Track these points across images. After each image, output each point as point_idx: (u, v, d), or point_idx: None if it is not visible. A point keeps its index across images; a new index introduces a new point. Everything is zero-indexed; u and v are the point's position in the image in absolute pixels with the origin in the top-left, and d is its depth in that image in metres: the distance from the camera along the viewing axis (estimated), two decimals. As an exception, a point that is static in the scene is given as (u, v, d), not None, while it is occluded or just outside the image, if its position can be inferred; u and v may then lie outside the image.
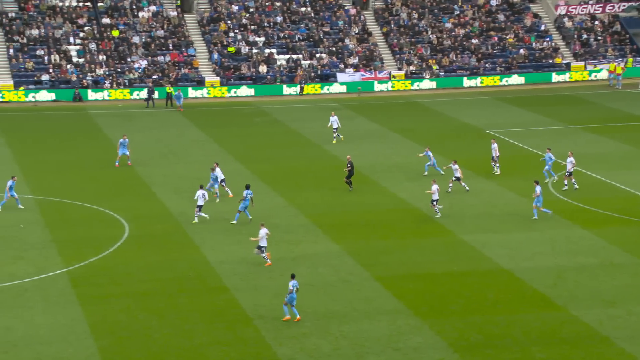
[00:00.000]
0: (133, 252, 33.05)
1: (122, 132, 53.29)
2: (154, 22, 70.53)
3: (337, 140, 50.82)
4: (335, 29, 73.90)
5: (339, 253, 33.40)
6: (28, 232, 34.74)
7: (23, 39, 66.16)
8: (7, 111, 59.14)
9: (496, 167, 43.93)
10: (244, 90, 66.32)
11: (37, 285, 29.48)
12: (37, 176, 42.86)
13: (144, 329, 26.48)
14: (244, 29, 71.75)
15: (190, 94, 65.27)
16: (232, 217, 37.05)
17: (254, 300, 28.63)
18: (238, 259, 32.54)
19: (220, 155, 48.37)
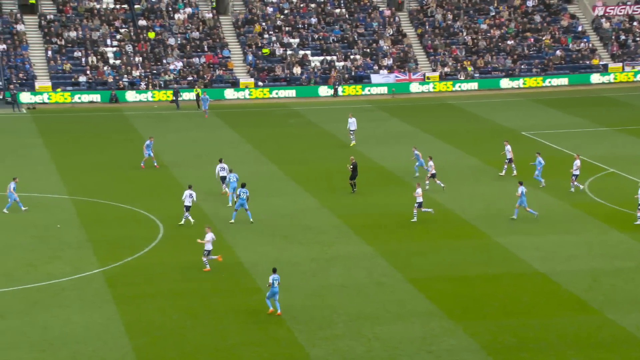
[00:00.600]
0: (167, 252, 33.31)
1: (158, 133, 53.76)
2: (190, 23, 71.05)
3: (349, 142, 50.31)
4: (370, 30, 73.82)
5: (372, 255, 33.35)
6: (65, 232, 35.17)
7: (61, 41, 67.01)
8: (46, 112, 59.94)
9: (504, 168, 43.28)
10: (285, 91, 66.49)
11: (74, 284, 29.83)
12: (73, 177, 43.38)
13: (178, 328, 26.67)
14: (279, 31, 71.98)
15: (232, 95, 65.56)
16: (263, 218, 37.21)
17: (287, 301, 28.69)
18: (271, 259, 32.63)
19: (254, 156, 48.58)
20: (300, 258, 32.85)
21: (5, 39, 66.27)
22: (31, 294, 28.89)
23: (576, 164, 40.89)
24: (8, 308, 27.68)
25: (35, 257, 32.24)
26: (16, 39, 66.48)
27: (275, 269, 27.84)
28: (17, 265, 31.36)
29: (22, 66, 64.48)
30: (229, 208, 38.49)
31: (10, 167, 45.12)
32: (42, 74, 65.06)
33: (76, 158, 47.60)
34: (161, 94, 64.34)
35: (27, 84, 63.17)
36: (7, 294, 28.86)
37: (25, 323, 26.63)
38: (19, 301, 28.24)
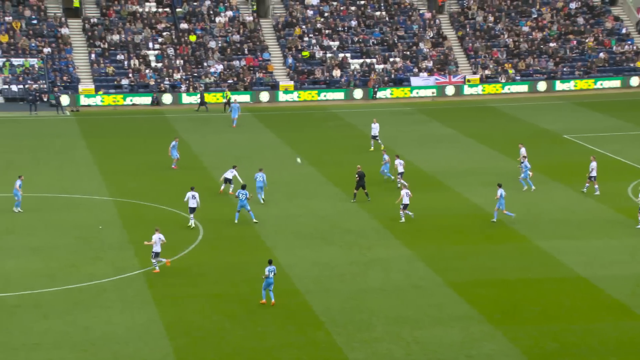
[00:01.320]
0: (207, 254, 33.51)
1: (199, 135, 54.15)
2: (230, 27, 71.47)
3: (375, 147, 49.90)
4: (410, 33, 73.56)
5: (411, 258, 33.21)
6: (107, 233, 35.56)
7: (104, 44, 67.83)
8: (89, 114, 60.70)
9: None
10: (324, 94, 66.57)
11: (115, 285, 30.14)
12: (115, 178, 43.84)
13: (218, 330, 26.81)
14: (319, 34, 72.07)
15: (282, 97, 65.79)
16: (302, 221, 37.28)
17: (325, 304, 28.69)
18: (310, 262, 32.66)
19: (292, 159, 48.70)
20: (339, 261, 32.82)
21: (50, 42, 67.26)
22: (73, 294, 29.25)
23: (592, 165, 40.52)
24: (51, 308, 28.06)
25: (77, 258, 32.65)
26: (60, 42, 67.44)
27: (270, 261, 28.29)
28: (60, 266, 31.78)
29: (66, 69, 65.39)
30: (262, 207, 38.66)
31: (55, 169, 45.77)
32: (85, 77, 65.90)
33: (118, 160, 48.10)
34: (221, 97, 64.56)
35: (71, 87, 64.04)
36: (50, 294, 29.26)
37: (67, 323, 26.97)
38: (62, 301, 28.61)
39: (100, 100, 63.03)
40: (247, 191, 36.66)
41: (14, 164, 46.68)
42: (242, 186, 37.18)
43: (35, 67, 64.67)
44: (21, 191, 37.93)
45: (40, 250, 33.40)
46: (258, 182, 39.55)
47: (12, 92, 63.12)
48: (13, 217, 37.07)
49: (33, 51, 66.05)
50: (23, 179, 38.48)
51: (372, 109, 64.28)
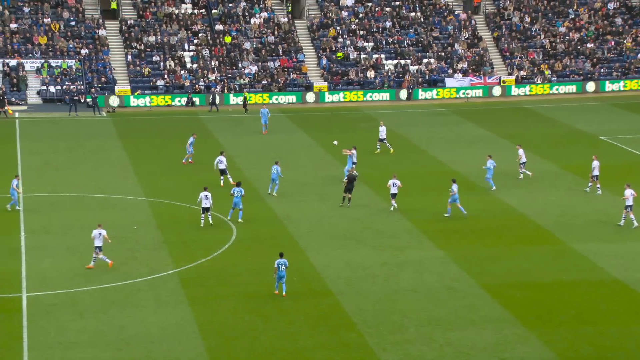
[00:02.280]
0: (240, 254, 33.65)
1: (232, 136, 54.41)
2: (265, 28, 71.73)
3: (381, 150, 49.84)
4: (445, 33, 73.23)
5: (444, 259, 33.05)
6: (141, 233, 35.87)
7: (141, 46, 68.44)
8: (125, 115, 61.31)
9: (521, 172, 42.90)
10: (358, 95, 66.56)
11: (149, 285, 30.39)
12: (150, 179, 44.19)
13: (250, 330, 26.91)
14: (353, 35, 72.04)
15: (305, 98, 65.93)
16: (335, 222, 37.29)
17: (358, 305, 28.66)
18: (342, 263, 32.65)
19: (326, 160, 48.72)
20: (371, 262, 32.78)
21: (88, 43, 68.03)
22: (108, 293, 29.55)
23: (594, 164, 40.68)
24: (87, 307, 28.37)
25: (112, 257, 32.96)
26: (98, 43, 68.19)
27: (281, 254, 28.88)
28: (96, 265, 32.11)
29: (103, 70, 66.09)
30: (295, 208, 38.74)
31: (91, 169, 46.28)
32: (122, 78, 66.55)
33: (153, 160, 48.48)
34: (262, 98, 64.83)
35: (108, 88, 64.71)
36: (86, 293, 29.59)
37: (102, 322, 27.26)
38: (97, 300, 28.92)
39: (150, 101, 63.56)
40: (242, 188, 36.93)
41: (51, 164, 47.30)
42: (237, 183, 37.56)
43: (72, 69, 65.44)
44: (19, 190, 38.34)
45: (76, 249, 33.79)
46: (273, 175, 40.04)
47: (50, 93, 63.96)
48: (50, 216, 37.57)
49: (71, 52, 66.86)
50: (20, 178, 38.95)
51: (405, 110, 64.08)
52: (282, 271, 28.90)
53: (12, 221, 36.88)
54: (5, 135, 54.06)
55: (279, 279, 29.01)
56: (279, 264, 28.98)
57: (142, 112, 62.79)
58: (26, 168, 46.02)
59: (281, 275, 28.91)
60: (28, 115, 60.37)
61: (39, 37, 67.26)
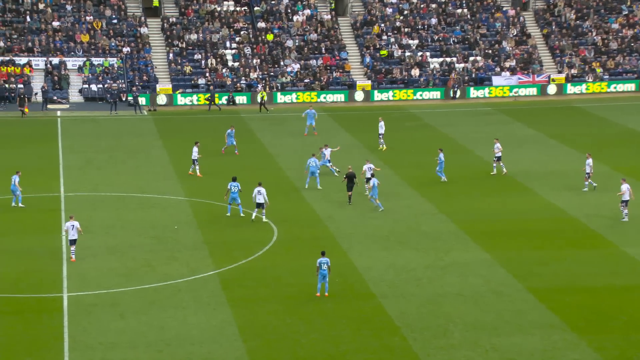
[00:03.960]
0: (281, 255, 33.74)
1: (274, 136, 54.56)
2: (308, 25, 71.81)
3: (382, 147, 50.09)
4: (492, 30, 72.62)
5: (490, 262, 32.76)
6: (182, 233, 36.16)
7: (182, 44, 69.01)
8: (166, 114, 61.86)
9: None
10: (402, 94, 66.33)
11: (190, 285, 30.62)
12: (190, 178, 44.52)
13: (291, 332, 26.96)
14: (398, 32, 71.79)
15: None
16: (378, 223, 37.22)
17: (401, 308, 28.55)
18: (385, 265, 32.56)
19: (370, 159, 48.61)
20: (415, 264, 32.63)
21: (129, 41, 68.78)
22: (149, 294, 29.84)
23: (588, 162, 40.82)
24: (127, 307, 28.68)
25: (153, 257, 33.30)
26: (139, 41, 68.91)
27: (323, 252, 29.06)
28: (136, 266, 32.46)
29: (144, 69, 66.77)
30: (338, 209, 38.71)
31: (132, 168, 46.79)
32: (163, 77, 67.15)
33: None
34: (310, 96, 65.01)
35: (149, 87, 65.36)
36: (127, 293, 29.92)
37: (143, 323, 27.53)
38: (138, 301, 29.22)
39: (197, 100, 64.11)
40: (238, 183, 37.23)
41: (92, 163, 47.91)
42: (233, 178, 37.71)
43: (114, 67, 66.24)
44: (20, 187, 38.81)
45: (117, 249, 34.19)
46: (312, 168, 40.44)
47: (92, 92, 64.80)
48: (91, 216, 38.05)
49: (113, 51, 67.67)
50: (20, 174, 39.42)
51: (451, 109, 63.68)
52: (324, 270, 29.04)
53: (53, 220, 37.45)
54: (47, 134, 54.92)
55: (322, 278, 29.08)
56: (320, 263, 29.12)
57: (183, 111, 63.29)
58: (67, 167, 46.69)
59: (324, 274, 29.03)
60: (70, 114, 61.26)
61: (81, 35, 68.19)
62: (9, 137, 54.13)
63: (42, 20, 68.63)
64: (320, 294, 29.26)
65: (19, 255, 33.23)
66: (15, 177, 38.82)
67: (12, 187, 38.60)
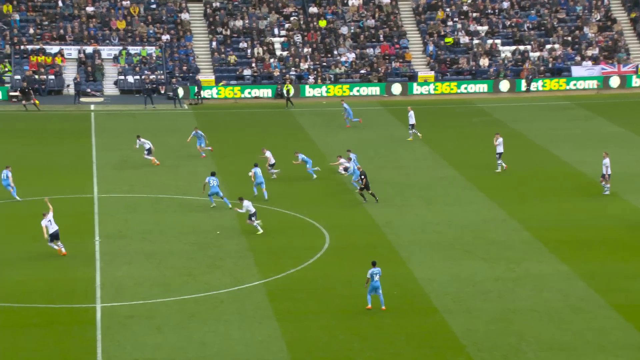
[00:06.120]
0: (333, 264, 33.76)
1: (325, 132, 54.66)
2: (365, 10, 71.83)
3: (415, 138, 50.94)
4: (572, 15, 71.79)
5: (568, 275, 32.38)
6: (225, 239, 36.42)
7: (227, 31, 69.52)
8: (207, 108, 62.39)
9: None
10: (469, 86, 66.04)
11: (233, 297, 30.81)
12: (234, 179, 44.80)
13: (345, 350, 26.97)
14: (465, 17, 71.38)
15: (408, 90, 65.80)
16: (440, 229, 37.06)
17: (467, 325, 28.37)
18: (449, 276, 32.39)
19: (431, 159, 48.45)
20: (483, 276, 32.41)
21: (169, 29, 69.51)
22: (189, 305, 30.11)
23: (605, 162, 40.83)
24: (165, 320, 28.96)
25: (193, 265, 33.60)
26: (180, 29, 69.60)
27: (374, 262, 29.04)
28: (175, 274, 32.79)
29: (185, 58, 67.42)
30: (396, 214, 38.63)
31: (171, 168, 47.28)
32: (205, 67, 67.72)
33: (237, 158, 49.14)
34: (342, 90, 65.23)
35: (190, 78, 65.98)
36: (165, 304, 30.22)
37: (182, 338, 27.78)
38: (177, 313, 29.49)
39: (216, 93, 64.66)
40: (217, 177, 39.09)
41: (128, 161, 48.55)
42: (212, 173, 39.37)
43: (152, 56, 66.97)
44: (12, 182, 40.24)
45: (154, 256, 34.58)
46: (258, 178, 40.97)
47: (128, 84, 65.63)
48: (126, 219, 38.55)
49: (151, 39, 68.46)
50: (10, 169, 40.73)
51: (524, 102, 63.08)
52: (377, 281, 29.05)
53: (86, 224, 38.04)
54: (80, 130, 55.83)
55: (373, 290, 29.17)
56: (372, 274, 29.14)
57: (227, 104, 63.79)
58: (101, 166, 47.40)
59: (376, 286, 29.07)
60: (104, 108, 62.18)
61: (117, 22, 69.16)
62: (38, 133, 55.16)
63: (75, 6, 69.76)
64: (371, 307, 29.19)
65: (49, 262, 33.83)
66: (7, 171, 40.21)
67: (5, 182, 40.05)
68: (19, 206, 40.17)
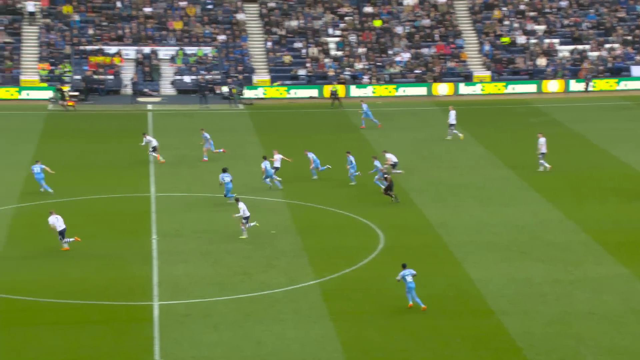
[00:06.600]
0: (388, 265, 33.66)
1: (380, 132, 54.50)
2: (420, 10, 71.50)
3: (454, 137, 50.80)
4: (633, 14, 70.65)
5: (628, 277, 31.89)
6: (280, 239, 36.56)
7: (282, 31, 69.74)
8: (263, 108, 62.66)
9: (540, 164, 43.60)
10: (526, 86, 65.43)
11: (288, 296, 30.92)
12: (289, 178, 44.88)
13: (399, 351, 26.90)
14: (522, 16, 70.68)
15: (461, 90, 65.44)
16: (496, 231, 36.73)
17: (524, 327, 28.11)
18: (505, 278, 32.12)
19: (487, 160, 48.12)
20: (540, 278, 32.07)
21: (225, 29, 69.96)
22: (245, 304, 30.28)
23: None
24: (221, 319, 29.17)
25: (249, 264, 33.78)
26: (235, 29, 70.01)
27: (405, 265, 29.15)
28: (231, 273, 33.01)
29: (240, 58, 67.80)
30: (451, 215, 38.40)
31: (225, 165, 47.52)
32: (260, 67, 68.02)
33: (293, 156, 49.23)
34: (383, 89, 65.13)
35: (245, 78, 66.29)
36: (220, 303, 30.44)
37: (238, 336, 27.95)
38: (232, 312, 29.69)
39: (263, 93, 64.85)
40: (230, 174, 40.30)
41: (185, 161, 48.96)
42: (223, 169, 40.45)
43: (208, 57, 67.48)
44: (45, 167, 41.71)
45: (210, 255, 34.85)
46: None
47: (185, 84, 66.21)
48: (183, 218, 38.90)
49: (207, 39, 68.98)
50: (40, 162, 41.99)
51: (583, 103, 62.27)
52: (411, 282, 29.12)
53: (143, 223, 38.47)
54: (137, 129, 56.42)
55: (409, 291, 29.27)
56: (404, 276, 29.25)
57: (282, 104, 63.95)
58: (159, 165, 47.86)
59: (411, 287, 29.17)
60: (161, 108, 62.80)
61: (174, 23, 69.80)
62: (96, 132, 55.89)
63: (134, 6, 70.56)
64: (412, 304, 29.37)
65: (107, 260, 34.30)
66: (37, 166, 41.38)
67: (38, 175, 41.30)
68: (77, 205, 40.77)
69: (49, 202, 40.27)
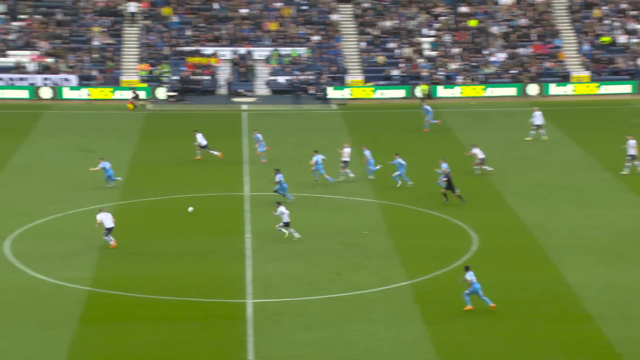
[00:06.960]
0: (481, 267, 33.15)
1: (474, 133, 53.86)
2: (517, 9, 70.43)
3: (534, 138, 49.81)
4: None
5: None
6: (371, 239, 36.48)
7: (375, 31, 69.61)
8: (356, 108, 62.62)
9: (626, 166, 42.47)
10: (626, 87, 63.87)
11: (380, 296, 30.82)
12: (381, 178, 44.71)
13: (494, 355, 26.53)
14: (623, 15, 68.92)
15: (552, 90, 64.24)
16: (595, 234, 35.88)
17: (624, 333, 27.37)
18: (604, 282, 31.35)
19: (585, 162, 47.11)
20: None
21: (319, 29, 70.20)
22: (337, 304, 30.30)
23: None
24: (314, 318, 29.25)
25: (340, 264, 33.79)
26: (329, 29, 70.19)
27: (467, 267, 29.19)
28: (322, 273, 33.07)
29: (334, 59, 67.93)
30: (546, 217, 37.69)
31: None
32: (353, 67, 68.03)
33: (384, 157, 49.03)
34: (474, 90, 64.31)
35: (338, 78, 66.41)
36: (312, 302, 30.53)
37: (330, 335, 27.99)
38: (325, 311, 29.74)
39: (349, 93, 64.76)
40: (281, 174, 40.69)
41: (278, 160, 49.28)
42: (276, 170, 40.81)
43: (302, 57, 67.81)
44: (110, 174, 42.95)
45: (302, 254, 34.98)
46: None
47: (279, 84, 66.68)
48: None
49: (301, 39, 69.34)
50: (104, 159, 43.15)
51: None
52: (476, 283, 28.92)
53: (237, 221, 38.88)
54: (232, 129, 57.12)
55: (474, 292, 29.00)
56: (471, 277, 29.05)
57: (375, 104, 63.81)
58: (253, 164, 48.31)
59: (476, 289, 28.97)
60: (256, 108, 63.39)
61: (269, 24, 70.38)
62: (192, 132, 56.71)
63: (230, 8, 71.44)
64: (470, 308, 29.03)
65: (203, 258, 34.77)
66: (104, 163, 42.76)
67: (109, 172, 42.77)
68: (173, 203, 41.46)
69: (145, 200, 41.05)
